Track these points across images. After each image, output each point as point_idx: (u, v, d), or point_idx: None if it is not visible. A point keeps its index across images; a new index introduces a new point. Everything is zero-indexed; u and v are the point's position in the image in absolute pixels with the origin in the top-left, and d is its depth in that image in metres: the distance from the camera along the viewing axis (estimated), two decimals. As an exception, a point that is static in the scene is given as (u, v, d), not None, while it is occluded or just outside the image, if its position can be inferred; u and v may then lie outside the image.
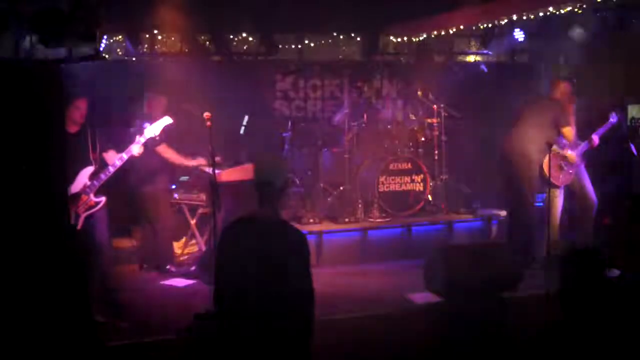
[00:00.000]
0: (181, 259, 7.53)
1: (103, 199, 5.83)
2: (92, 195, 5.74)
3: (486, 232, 8.19)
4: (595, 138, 7.23)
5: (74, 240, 4.52)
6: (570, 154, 7.09)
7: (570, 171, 7.15)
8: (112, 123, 7.00)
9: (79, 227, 5.69)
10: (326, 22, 9.00)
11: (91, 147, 5.81)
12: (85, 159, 5.76)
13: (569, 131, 7.00)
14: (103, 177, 5.79)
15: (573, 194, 7.49)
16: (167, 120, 6.14)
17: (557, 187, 7.15)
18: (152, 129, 6.07)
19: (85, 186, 5.72)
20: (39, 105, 4.11)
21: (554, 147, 6.96)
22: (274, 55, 9.14)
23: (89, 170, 5.76)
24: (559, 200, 7.21)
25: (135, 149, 5.94)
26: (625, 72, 8.77)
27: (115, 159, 5.85)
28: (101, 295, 5.88)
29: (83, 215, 5.71)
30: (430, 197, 8.15)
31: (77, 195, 5.69)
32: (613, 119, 7.23)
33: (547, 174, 6.98)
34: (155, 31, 8.37)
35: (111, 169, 5.82)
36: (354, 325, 5.52)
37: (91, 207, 5.74)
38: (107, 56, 4.61)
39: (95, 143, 5.86)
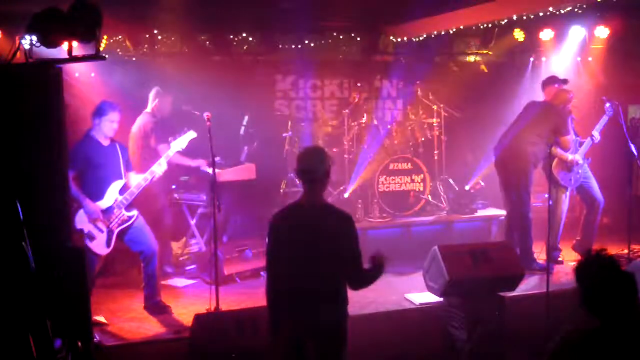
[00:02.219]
0: (181, 259, 7.53)
1: (135, 212, 5.77)
2: (124, 210, 5.69)
3: (486, 232, 8.19)
4: (597, 134, 7.23)
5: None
6: (574, 156, 7.09)
7: (580, 171, 7.16)
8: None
9: (112, 243, 5.66)
10: (326, 22, 9.01)
11: (122, 160, 5.77)
12: (115, 172, 5.71)
13: (566, 141, 7.01)
14: (135, 191, 5.72)
15: (579, 194, 7.50)
16: (192, 134, 6.02)
17: (566, 188, 7.15)
18: (178, 143, 5.99)
19: (116, 201, 5.67)
20: (38, 106, 4.11)
21: (557, 150, 6.96)
22: (274, 55, 9.15)
23: (120, 184, 5.71)
24: (565, 202, 7.21)
25: (164, 162, 5.89)
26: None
27: (145, 176, 5.78)
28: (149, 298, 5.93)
29: (116, 231, 5.67)
30: (430, 197, 8.15)
31: (109, 210, 5.65)
32: (609, 111, 7.23)
33: (557, 176, 6.98)
34: (156, 31, 8.37)
35: (143, 183, 5.76)
36: (353, 325, 5.51)
37: (124, 222, 5.69)
38: (106, 56, 4.59)
39: (125, 157, 5.83)
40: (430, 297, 5.70)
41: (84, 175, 5.63)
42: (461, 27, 8.50)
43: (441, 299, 5.41)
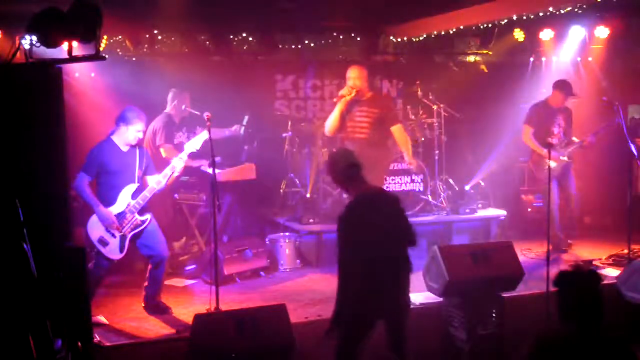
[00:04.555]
0: (181, 259, 7.52)
1: (148, 216, 5.71)
2: (137, 214, 5.64)
3: (486, 232, 8.19)
4: (592, 138, 7.24)
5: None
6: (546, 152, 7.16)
7: (554, 166, 7.19)
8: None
9: (125, 248, 5.61)
10: (326, 22, 9.01)
11: (138, 165, 5.70)
12: (130, 178, 5.65)
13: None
14: (148, 195, 5.65)
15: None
16: (205, 134, 5.83)
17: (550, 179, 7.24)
18: (192, 144, 5.88)
19: (129, 205, 5.62)
20: (38, 106, 4.11)
21: (534, 143, 7.06)
22: (274, 55, 9.15)
23: (132, 187, 5.65)
24: (552, 191, 7.23)
25: (178, 165, 5.79)
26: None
27: (158, 179, 5.72)
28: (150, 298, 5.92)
29: (129, 235, 5.62)
30: (430, 197, 8.15)
31: (122, 215, 5.60)
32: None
33: (532, 167, 7.37)
34: (156, 31, 8.37)
35: (156, 187, 5.69)
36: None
37: (137, 226, 5.64)
38: (106, 56, 4.59)
39: (143, 161, 5.75)
40: (430, 297, 5.70)
41: (97, 180, 5.60)
42: (461, 27, 8.51)
43: (441, 299, 5.41)
